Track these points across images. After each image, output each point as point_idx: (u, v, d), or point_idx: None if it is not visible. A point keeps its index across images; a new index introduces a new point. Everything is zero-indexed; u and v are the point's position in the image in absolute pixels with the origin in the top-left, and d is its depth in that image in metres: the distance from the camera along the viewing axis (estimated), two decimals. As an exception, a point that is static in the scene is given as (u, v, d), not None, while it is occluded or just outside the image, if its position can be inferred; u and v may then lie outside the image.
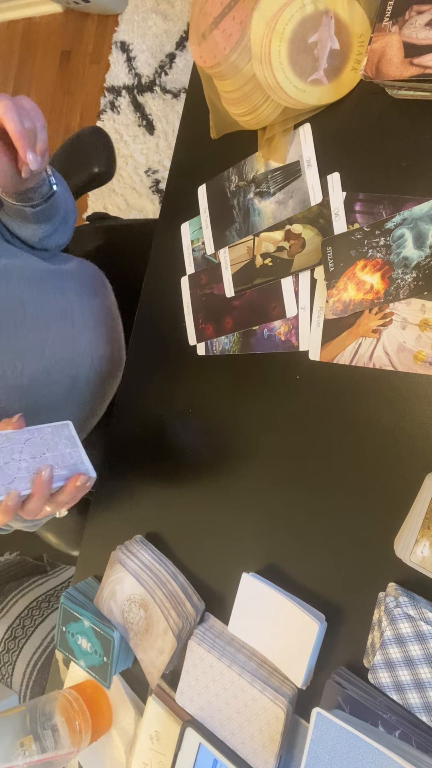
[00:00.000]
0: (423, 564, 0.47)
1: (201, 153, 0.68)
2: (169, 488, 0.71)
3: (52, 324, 0.73)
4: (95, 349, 0.79)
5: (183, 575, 0.68)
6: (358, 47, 0.53)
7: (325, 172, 0.56)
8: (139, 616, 0.68)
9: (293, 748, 0.58)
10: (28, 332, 0.70)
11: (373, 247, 0.52)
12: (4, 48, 2.25)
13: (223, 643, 0.62)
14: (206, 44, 0.57)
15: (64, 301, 0.76)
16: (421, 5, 0.46)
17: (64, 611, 0.76)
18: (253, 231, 0.62)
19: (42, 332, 0.72)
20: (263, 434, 0.62)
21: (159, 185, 1.82)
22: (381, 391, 0.54)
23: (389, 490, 0.53)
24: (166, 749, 0.67)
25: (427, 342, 0.50)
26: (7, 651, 1.12)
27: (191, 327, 0.70)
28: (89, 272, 0.86)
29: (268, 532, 0.62)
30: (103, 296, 0.85)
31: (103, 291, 0.86)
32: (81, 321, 0.78)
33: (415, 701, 0.48)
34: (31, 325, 0.71)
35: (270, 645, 0.59)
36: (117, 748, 0.75)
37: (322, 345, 0.57)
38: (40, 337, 0.72)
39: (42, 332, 0.72)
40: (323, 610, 0.57)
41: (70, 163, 0.94)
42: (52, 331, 0.73)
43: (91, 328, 0.79)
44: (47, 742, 0.69)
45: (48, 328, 0.73)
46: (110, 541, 0.76)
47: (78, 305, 0.78)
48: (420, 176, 0.51)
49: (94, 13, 1.99)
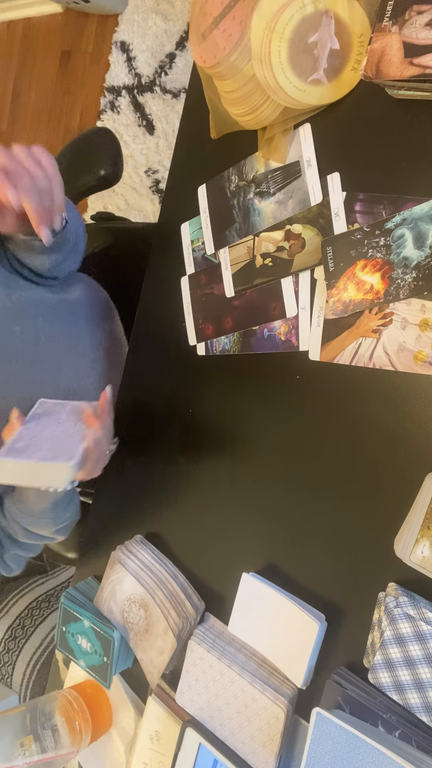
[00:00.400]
0: (423, 564, 0.47)
1: (201, 153, 0.68)
2: (169, 488, 0.71)
3: (65, 357, 0.74)
4: (104, 380, 0.80)
5: (183, 575, 0.68)
6: (358, 47, 0.53)
7: (325, 172, 0.56)
8: (139, 616, 0.68)
9: (293, 748, 0.58)
10: (42, 366, 0.70)
11: (373, 247, 0.52)
12: (4, 48, 2.25)
13: (223, 643, 0.62)
14: (206, 44, 0.57)
15: (76, 333, 0.76)
16: (421, 5, 0.46)
17: (64, 611, 0.76)
18: (253, 231, 0.62)
19: (55, 366, 0.72)
20: (263, 434, 0.62)
21: (159, 185, 1.82)
22: (381, 391, 0.54)
23: (389, 490, 0.53)
24: (166, 749, 0.67)
25: (427, 342, 0.50)
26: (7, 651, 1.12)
27: (191, 327, 0.70)
28: (95, 297, 0.85)
29: (268, 532, 0.62)
30: (111, 321, 0.85)
31: (110, 315, 0.86)
32: (91, 353, 0.78)
33: (415, 701, 0.48)
34: (45, 359, 0.71)
35: (270, 645, 0.59)
36: (117, 748, 0.75)
37: (322, 345, 0.57)
38: (54, 372, 0.72)
39: (55, 366, 0.72)
40: (323, 610, 0.57)
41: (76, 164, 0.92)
42: (65, 365, 0.74)
43: (100, 360, 0.80)
44: (47, 742, 0.69)
45: (60, 362, 0.73)
46: (110, 541, 0.76)
47: (88, 336, 0.78)
48: (420, 176, 0.51)
49: (94, 13, 1.99)
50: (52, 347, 0.72)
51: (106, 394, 0.65)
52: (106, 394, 0.65)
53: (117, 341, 0.85)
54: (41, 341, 0.70)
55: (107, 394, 0.66)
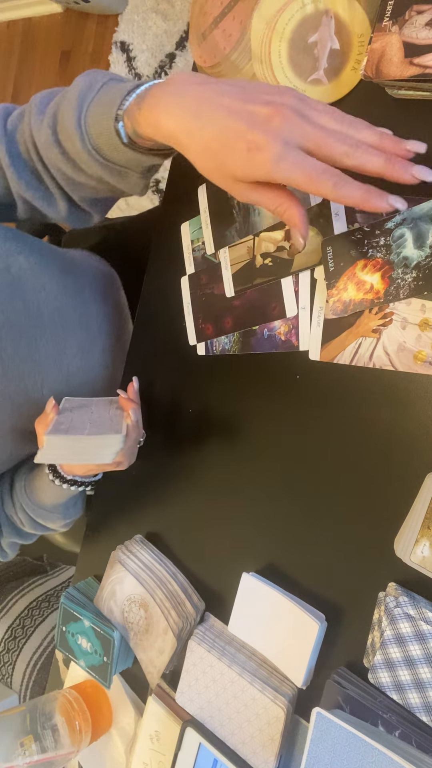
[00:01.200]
0: (423, 564, 0.47)
1: (201, 153, 0.68)
2: (169, 488, 0.71)
3: (70, 332, 0.71)
4: (110, 355, 0.78)
5: (183, 575, 0.68)
6: (358, 47, 0.53)
7: (325, 172, 0.56)
8: (139, 616, 0.68)
9: (293, 748, 0.58)
10: (47, 342, 0.68)
11: (373, 246, 0.52)
12: (4, 48, 2.25)
13: (223, 643, 0.62)
14: (206, 44, 0.57)
15: (80, 306, 0.74)
16: (421, 5, 0.46)
17: (64, 611, 0.76)
18: (253, 231, 0.62)
19: (60, 341, 0.70)
20: (263, 434, 0.62)
21: (159, 185, 1.82)
22: (381, 391, 0.54)
23: (389, 489, 0.53)
24: (166, 749, 0.67)
25: (427, 342, 0.50)
26: (7, 651, 1.12)
27: (191, 327, 0.70)
28: (99, 269, 0.83)
29: (268, 532, 0.62)
30: (117, 294, 0.83)
31: (115, 287, 0.84)
32: (96, 327, 0.76)
33: (415, 701, 0.48)
34: (50, 334, 0.68)
35: (270, 645, 0.59)
36: (117, 748, 0.75)
37: (322, 345, 0.57)
38: (59, 347, 0.70)
39: (60, 341, 0.70)
40: (323, 610, 0.57)
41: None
42: (70, 340, 0.71)
43: (106, 334, 0.78)
44: (47, 742, 0.69)
45: (66, 337, 0.71)
46: (110, 541, 0.76)
47: (94, 309, 0.76)
48: (420, 176, 0.51)
49: (94, 13, 1.99)
50: (56, 322, 0.69)
51: (134, 384, 0.66)
52: (134, 384, 0.66)
53: (122, 315, 0.83)
54: (44, 316, 0.67)
55: (135, 384, 0.66)
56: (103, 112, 0.50)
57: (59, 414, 0.61)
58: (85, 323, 0.74)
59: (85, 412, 0.63)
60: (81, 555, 0.82)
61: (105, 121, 0.50)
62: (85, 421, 0.59)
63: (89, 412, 0.63)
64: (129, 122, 0.49)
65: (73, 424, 0.58)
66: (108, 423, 0.59)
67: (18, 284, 0.64)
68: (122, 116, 0.49)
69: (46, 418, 0.60)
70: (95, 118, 0.51)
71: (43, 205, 0.62)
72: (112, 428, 0.57)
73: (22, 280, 0.65)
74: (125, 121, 0.49)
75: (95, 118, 0.51)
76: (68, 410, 0.63)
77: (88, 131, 0.52)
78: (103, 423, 0.59)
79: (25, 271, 0.65)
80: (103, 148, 0.52)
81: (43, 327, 0.67)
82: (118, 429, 0.57)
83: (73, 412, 0.62)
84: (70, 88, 0.54)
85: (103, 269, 0.84)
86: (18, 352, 0.64)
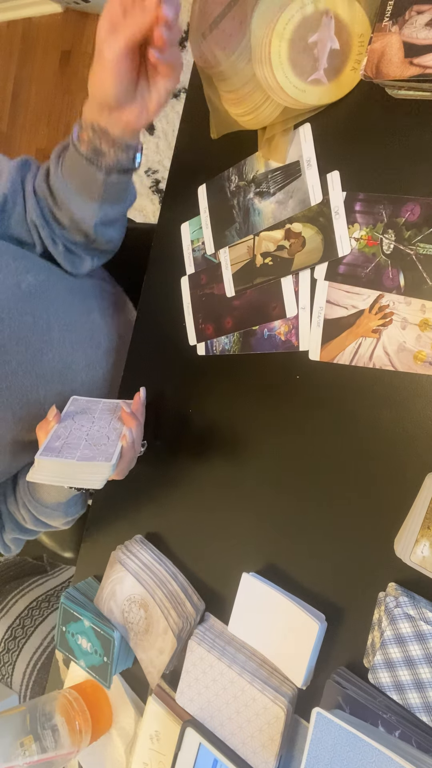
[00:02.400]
0: (423, 564, 0.47)
1: (201, 153, 0.68)
2: (169, 488, 0.71)
3: (79, 348, 0.72)
4: (116, 371, 0.78)
5: (183, 575, 0.68)
6: (358, 47, 0.53)
7: (325, 172, 0.56)
8: (139, 616, 0.68)
9: (293, 748, 0.58)
10: (53, 357, 0.68)
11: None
12: (4, 48, 2.25)
13: (223, 643, 0.62)
14: (206, 44, 0.57)
15: (89, 323, 0.74)
16: (421, 5, 0.46)
17: (64, 611, 0.76)
18: (253, 231, 0.62)
19: (68, 357, 0.70)
20: (263, 434, 0.62)
21: (159, 185, 1.82)
22: (381, 391, 0.54)
23: (389, 490, 0.53)
24: (166, 749, 0.67)
25: (427, 342, 0.50)
26: (7, 651, 1.12)
27: (191, 327, 0.70)
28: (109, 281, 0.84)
29: (268, 532, 0.62)
30: (128, 314, 0.83)
31: (125, 303, 0.84)
32: (106, 343, 0.76)
33: (415, 701, 0.48)
34: (58, 349, 0.69)
35: (270, 645, 0.59)
36: (117, 748, 0.75)
37: (322, 345, 0.57)
38: (65, 363, 0.70)
39: (68, 357, 0.70)
40: (323, 610, 0.57)
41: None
42: (78, 355, 0.72)
43: (116, 350, 0.78)
44: (47, 742, 0.69)
45: (74, 353, 0.71)
46: (110, 541, 0.76)
47: (104, 325, 0.77)
48: (420, 176, 0.51)
49: (94, 13, 1.99)
50: (65, 338, 0.70)
51: (141, 395, 0.66)
52: (141, 395, 0.66)
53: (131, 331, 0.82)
54: (54, 331, 0.68)
55: (142, 395, 0.66)
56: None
57: (61, 421, 0.61)
58: (96, 340, 0.75)
59: (86, 421, 0.62)
60: (81, 555, 0.82)
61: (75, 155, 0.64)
62: (81, 437, 0.58)
63: (90, 420, 0.62)
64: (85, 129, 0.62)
65: (69, 440, 0.57)
66: (104, 441, 0.59)
67: (28, 299, 0.66)
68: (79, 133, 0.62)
69: (47, 425, 0.60)
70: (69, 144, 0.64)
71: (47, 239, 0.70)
72: (104, 452, 0.56)
73: (32, 296, 0.66)
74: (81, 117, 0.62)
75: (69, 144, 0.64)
76: (70, 417, 0.62)
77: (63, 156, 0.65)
78: (99, 441, 0.58)
79: (34, 287, 0.67)
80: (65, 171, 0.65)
81: (51, 342, 0.68)
82: (110, 454, 0.56)
83: (75, 419, 0.62)
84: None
85: (109, 289, 0.84)
86: (22, 366, 0.65)
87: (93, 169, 0.63)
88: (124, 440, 0.59)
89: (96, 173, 0.63)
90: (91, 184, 0.64)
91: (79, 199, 0.65)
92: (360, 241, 0.54)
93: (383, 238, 0.53)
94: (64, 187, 0.65)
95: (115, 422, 0.63)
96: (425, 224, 0.50)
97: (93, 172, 0.63)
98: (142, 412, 0.65)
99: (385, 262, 0.53)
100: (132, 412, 0.63)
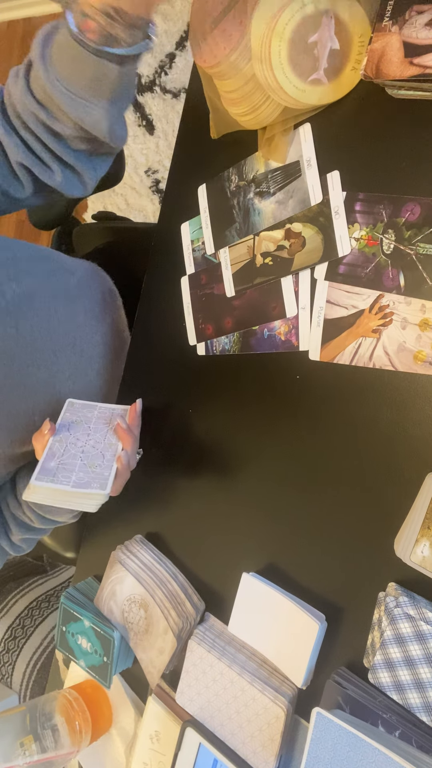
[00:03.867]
0: (423, 564, 0.47)
1: (201, 153, 0.68)
2: (169, 488, 0.71)
3: (62, 356, 0.71)
4: (106, 376, 0.78)
5: (183, 575, 0.68)
6: (358, 47, 0.53)
7: (325, 171, 0.56)
8: (139, 616, 0.68)
9: (293, 748, 0.58)
10: (38, 369, 0.67)
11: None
12: (4, 47, 2.25)
13: (223, 643, 0.62)
14: (206, 44, 0.57)
15: (74, 331, 0.73)
16: (421, 5, 0.46)
17: (64, 611, 0.76)
18: (253, 231, 0.62)
19: (52, 367, 0.69)
20: (263, 434, 0.62)
21: (159, 185, 1.82)
22: (381, 391, 0.54)
23: (389, 489, 0.53)
24: (166, 749, 0.67)
25: (427, 342, 0.50)
26: (7, 651, 1.12)
27: (191, 327, 0.70)
28: (98, 285, 0.82)
29: (268, 531, 0.62)
30: (114, 313, 0.82)
31: (114, 307, 0.82)
32: (89, 350, 0.75)
33: (415, 701, 0.48)
34: (41, 360, 0.68)
35: (270, 645, 0.59)
36: (117, 748, 0.75)
37: (322, 345, 0.57)
38: (50, 373, 0.69)
39: (52, 367, 0.69)
40: (323, 610, 0.57)
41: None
42: (62, 365, 0.71)
43: (100, 356, 0.77)
44: (47, 742, 0.69)
45: (58, 362, 0.70)
46: (110, 541, 0.76)
47: (88, 333, 0.75)
48: (420, 176, 0.51)
49: (94, 13, 1.99)
50: (47, 347, 0.69)
51: (136, 407, 0.65)
52: (136, 407, 0.65)
53: (119, 335, 0.82)
54: (37, 341, 0.67)
55: (138, 407, 0.65)
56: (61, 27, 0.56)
57: (56, 433, 0.61)
58: (79, 347, 0.74)
59: (81, 433, 0.62)
60: (81, 555, 0.82)
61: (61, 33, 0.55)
62: (77, 454, 0.58)
63: (86, 433, 0.62)
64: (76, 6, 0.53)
65: (64, 459, 0.57)
66: (99, 460, 0.58)
67: (12, 310, 0.64)
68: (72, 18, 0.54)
69: (42, 438, 0.60)
70: (55, 43, 0.56)
71: (41, 172, 0.63)
72: (100, 475, 0.57)
73: (15, 306, 0.65)
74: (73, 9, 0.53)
75: (56, 42, 0.56)
76: (65, 428, 0.62)
77: (51, 60, 0.56)
78: (94, 460, 0.58)
79: (18, 296, 0.65)
80: (65, 74, 0.56)
81: (35, 352, 0.67)
82: (104, 479, 0.56)
83: (71, 430, 0.62)
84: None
85: (102, 287, 0.82)
86: (9, 378, 0.64)
87: (104, 62, 0.55)
88: (119, 462, 0.59)
89: (108, 66, 0.55)
90: (101, 81, 0.56)
91: (85, 101, 0.57)
92: (360, 241, 0.54)
93: (383, 238, 0.53)
94: (64, 91, 0.56)
95: (111, 436, 0.62)
96: (425, 224, 0.50)
97: (104, 66, 0.55)
98: (138, 423, 0.65)
99: (385, 262, 0.53)
100: (128, 427, 0.62)
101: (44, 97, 0.58)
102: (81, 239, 1.03)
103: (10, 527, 0.75)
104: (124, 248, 0.99)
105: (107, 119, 0.59)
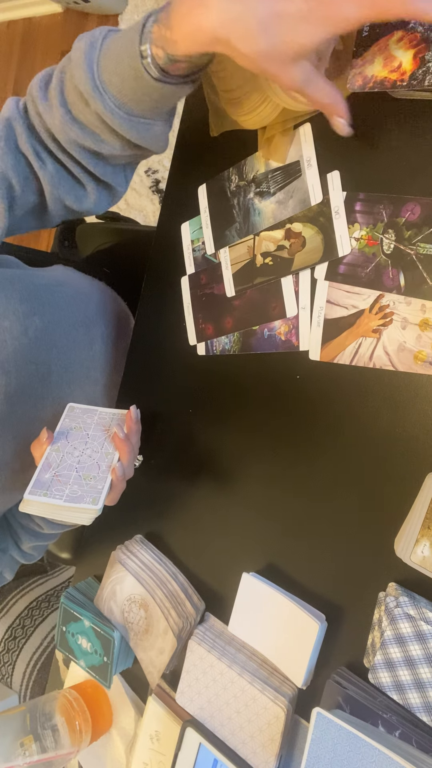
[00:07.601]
0: (423, 564, 0.47)
1: (201, 153, 0.68)
2: (169, 488, 0.71)
3: (77, 387, 0.70)
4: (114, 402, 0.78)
5: (183, 575, 0.68)
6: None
7: (325, 171, 0.56)
8: (139, 616, 0.68)
9: (293, 748, 0.58)
10: (53, 401, 0.67)
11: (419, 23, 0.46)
12: (4, 48, 2.25)
13: (223, 643, 0.62)
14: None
15: (89, 361, 0.72)
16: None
17: (64, 611, 0.76)
18: (253, 231, 0.62)
19: (66, 398, 0.68)
20: (263, 434, 0.62)
21: (159, 185, 1.82)
22: (381, 391, 0.54)
23: (389, 489, 0.53)
24: (166, 749, 0.67)
25: (427, 342, 0.50)
26: (7, 651, 1.12)
27: (191, 327, 0.70)
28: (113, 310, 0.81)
29: (268, 532, 0.62)
30: (128, 338, 0.80)
31: (127, 331, 0.81)
32: (104, 379, 0.75)
33: (416, 701, 0.48)
34: (57, 393, 0.67)
35: (270, 645, 0.59)
36: (117, 748, 0.75)
37: (322, 345, 0.57)
38: (64, 404, 0.68)
39: (66, 398, 0.68)
40: (323, 610, 0.57)
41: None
42: (76, 394, 0.70)
43: (113, 384, 0.77)
44: (47, 742, 0.69)
45: (72, 392, 0.70)
46: (110, 541, 0.76)
47: (103, 361, 0.75)
48: (420, 176, 0.51)
49: (94, 13, 1.99)
50: (62, 379, 0.68)
51: (132, 414, 0.62)
52: (132, 414, 0.62)
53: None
54: (53, 374, 0.67)
55: (133, 414, 0.62)
56: (121, 59, 0.48)
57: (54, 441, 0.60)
58: (93, 376, 0.74)
59: (79, 441, 0.62)
60: (81, 555, 0.82)
61: (127, 67, 0.48)
62: (72, 465, 0.58)
63: (84, 441, 0.62)
64: (159, 50, 0.46)
65: (60, 471, 0.58)
66: (95, 471, 0.58)
67: (33, 346, 0.63)
68: (147, 51, 0.46)
69: (40, 447, 0.59)
70: (112, 71, 0.49)
71: (75, 201, 0.60)
72: (93, 489, 0.57)
73: (37, 342, 0.64)
74: (154, 52, 0.46)
75: (111, 71, 0.49)
76: (63, 436, 0.62)
77: (107, 89, 0.49)
78: (90, 470, 0.58)
79: (41, 331, 0.64)
80: (127, 101, 0.50)
81: (50, 386, 0.67)
82: (98, 492, 0.56)
83: (68, 438, 0.61)
84: (71, 56, 0.52)
85: (117, 310, 0.82)
86: (26, 414, 0.64)
87: (178, 88, 0.51)
88: (113, 474, 0.58)
89: (181, 90, 0.51)
90: (168, 98, 0.52)
91: (147, 120, 0.53)
92: (360, 241, 0.54)
93: (383, 238, 0.53)
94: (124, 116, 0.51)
95: (108, 445, 0.61)
96: (425, 224, 0.50)
97: (176, 91, 0.51)
98: (137, 430, 0.63)
99: (385, 262, 0.53)
100: (125, 436, 0.60)
101: (95, 124, 0.53)
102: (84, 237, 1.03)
103: (19, 536, 0.75)
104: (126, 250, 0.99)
105: (167, 131, 0.56)
